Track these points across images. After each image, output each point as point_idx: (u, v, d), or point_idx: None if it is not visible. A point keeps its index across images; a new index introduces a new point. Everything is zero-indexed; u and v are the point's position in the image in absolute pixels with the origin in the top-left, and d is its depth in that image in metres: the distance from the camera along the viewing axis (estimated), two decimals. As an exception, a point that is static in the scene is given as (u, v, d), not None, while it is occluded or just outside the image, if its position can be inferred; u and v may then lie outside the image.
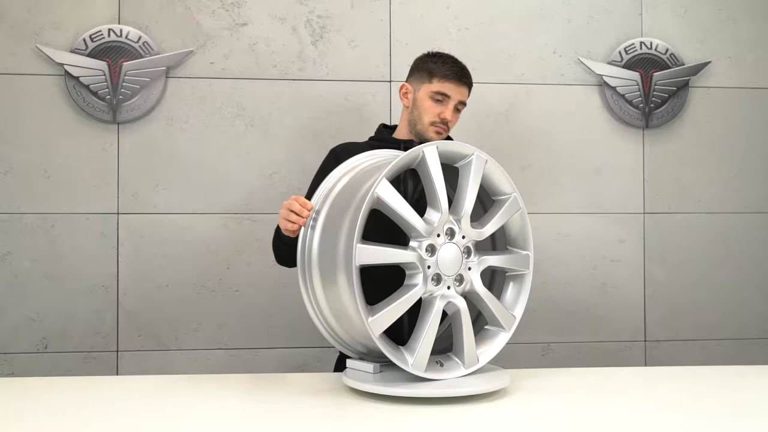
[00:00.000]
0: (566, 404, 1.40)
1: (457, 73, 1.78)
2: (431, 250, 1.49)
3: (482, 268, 1.55)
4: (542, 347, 2.49)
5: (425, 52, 1.87)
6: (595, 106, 2.52)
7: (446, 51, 2.42)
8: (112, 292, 2.32)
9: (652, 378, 1.70)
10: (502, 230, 1.66)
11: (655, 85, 2.51)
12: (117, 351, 2.33)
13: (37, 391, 1.47)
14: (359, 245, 1.40)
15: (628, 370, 1.89)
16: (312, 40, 2.41)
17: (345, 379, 1.51)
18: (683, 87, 2.53)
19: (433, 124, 1.77)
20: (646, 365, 2.52)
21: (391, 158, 1.62)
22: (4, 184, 2.29)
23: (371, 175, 1.56)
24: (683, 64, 2.53)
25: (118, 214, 2.33)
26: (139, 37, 2.32)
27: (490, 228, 1.57)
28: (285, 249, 1.70)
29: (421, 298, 1.50)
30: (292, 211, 1.55)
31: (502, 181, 1.60)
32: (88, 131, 2.32)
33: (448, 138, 1.91)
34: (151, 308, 2.34)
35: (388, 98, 2.43)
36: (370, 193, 1.42)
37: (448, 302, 1.50)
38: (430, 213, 1.52)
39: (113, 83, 2.31)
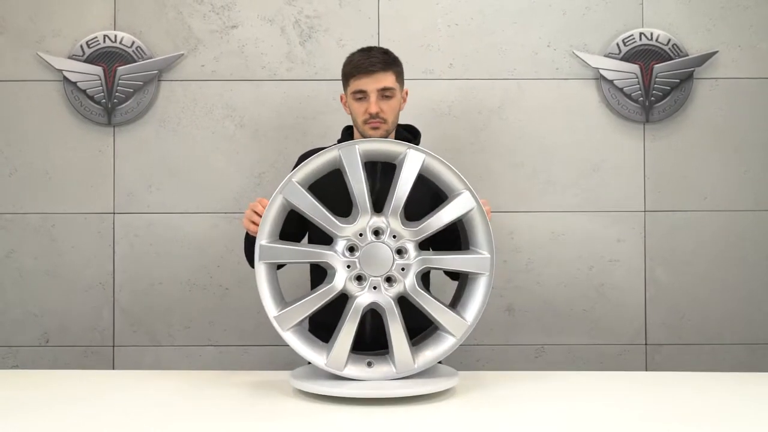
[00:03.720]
0: (516, 409, 1.37)
1: (362, 64, 1.74)
2: (352, 249, 1.50)
3: (420, 268, 1.52)
4: (535, 349, 2.43)
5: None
6: (592, 101, 2.43)
7: (436, 47, 2.43)
8: (108, 289, 2.41)
9: (622, 381, 1.64)
10: (464, 231, 1.62)
11: (656, 77, 2.40)
12: (113, 346, 2.41)
13: (39, 383, 1.60)
14: (263, 243, 1.49)
15: (606, 375, 1.83)
16: (300, 41, 2.43)
17: (292, 380, 1.53)
18: (687, 79, 2.41)
19: (365, 122, 1.76)
20: (647, 370, 2.42)
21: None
22: (9, 185, 2.41)
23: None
24: (687, 55, 2.41)
25: (113, 213, 2.41)
26: (133, 42, 2.39)
27: (429, 226, 1.53)
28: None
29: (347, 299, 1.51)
30: (254, 212, 1.61)
31: (451, 178, 1.56)
32: (85, 134, 2.41)
33: (414, 131, 1.90)
34: (145, 305, 2.41)
35: (376, 97, 2.42)
36: (273, 195, 1.50)
37: (372, 302, 1.50)
38: (353, 212, 1.53)
39: (108, 87, 2.39)
